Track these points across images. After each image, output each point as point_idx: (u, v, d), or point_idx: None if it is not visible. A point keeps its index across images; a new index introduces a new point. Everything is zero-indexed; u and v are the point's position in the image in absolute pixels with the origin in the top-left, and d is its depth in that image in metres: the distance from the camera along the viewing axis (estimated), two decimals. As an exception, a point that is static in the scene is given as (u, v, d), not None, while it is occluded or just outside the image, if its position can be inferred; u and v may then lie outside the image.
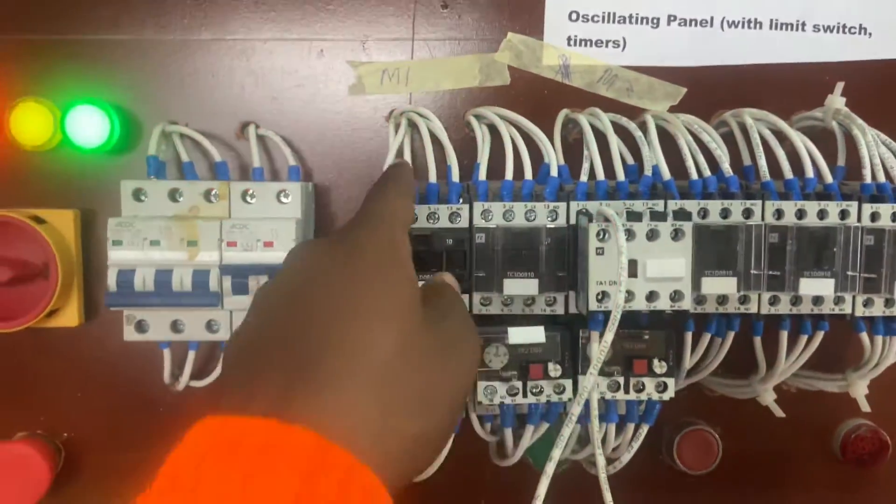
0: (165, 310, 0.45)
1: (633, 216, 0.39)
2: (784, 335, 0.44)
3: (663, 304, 0.39)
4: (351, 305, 0.29)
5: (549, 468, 0.36)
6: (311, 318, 0.29)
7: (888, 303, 0.44)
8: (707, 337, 0.45)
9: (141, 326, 0.46)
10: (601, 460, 0.39)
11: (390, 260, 0.32)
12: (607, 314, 0.38)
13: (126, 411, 0.51)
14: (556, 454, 0.36)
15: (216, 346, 0.49)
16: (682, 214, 0.39)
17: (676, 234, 0.38)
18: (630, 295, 0.38)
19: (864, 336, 0.45)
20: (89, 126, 0.47)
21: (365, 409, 0.27)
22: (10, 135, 0.47)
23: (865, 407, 0.48)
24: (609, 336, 0.36)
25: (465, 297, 0.43)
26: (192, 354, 0.48)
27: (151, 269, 0.43)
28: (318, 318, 0.29)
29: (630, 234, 0.38)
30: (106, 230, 0.44)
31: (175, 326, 0.46)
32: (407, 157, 0.46)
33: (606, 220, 0.39)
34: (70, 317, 0.49)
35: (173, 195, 0.45)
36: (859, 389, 0.48)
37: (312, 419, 0.25)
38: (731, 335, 0.45)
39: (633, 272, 0.38)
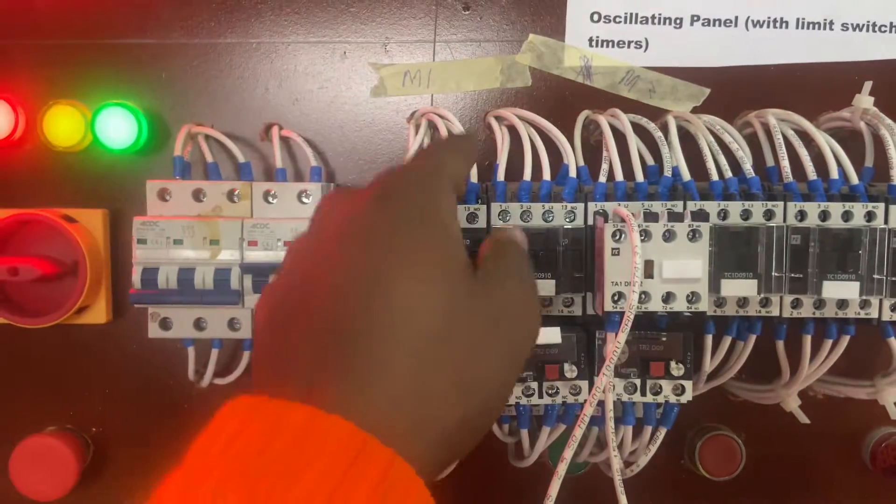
0: (188, 308, 0.46)
1: (650, 217, 0.38)
2: (808, 339, 0.44)
3: (680, 305, 0.38)
4: (385, 267, 0.26)
5: (561, 469, 0.36)
6: (344, 282, 0.26)
7: (917, 307, 0.42)
8: (728, 340, 0.44)
9: (165, 324, 0.47)
10: (616, 462, 0.39)
11: (428, 214, 0.28)
12: (623, 315, 0.37)
13: (152, 407, 0.52)
14: (568, 454, 0.36)
15: (239, 345, 0.50)
16: (699, 215, 0.38)
17: (693, 235, 0.38)
18: (646, 296, 0.38)
19: (893, 341, 0.44)
20: (118, 127, 0.48)
21: (404, 396, 0.24)
22: (43, 136, 0.48)
23: (894, 414, 0.47)
24: (623, 336, 0.36)
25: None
26: (215, 352, 0.49)
27: (175, 268, 0.44)
28: (351, 281, 0.26)
29: (646, 235, 0.38)
30: (132, 230, 0.45)
31: (198, 324, 0.47)
32: (426, 158, 0.46)
33: (622, 220, 0.38)
34: (98, 314, 0.50)
35: (197, 195, 0.46)
36: (889, 397, 0.47)
37: (350, 407, 0.23)
38: (752, 338, 0.44)
39: (649, 273, 0.38)
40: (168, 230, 0.44)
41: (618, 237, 0.38)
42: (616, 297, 0.39)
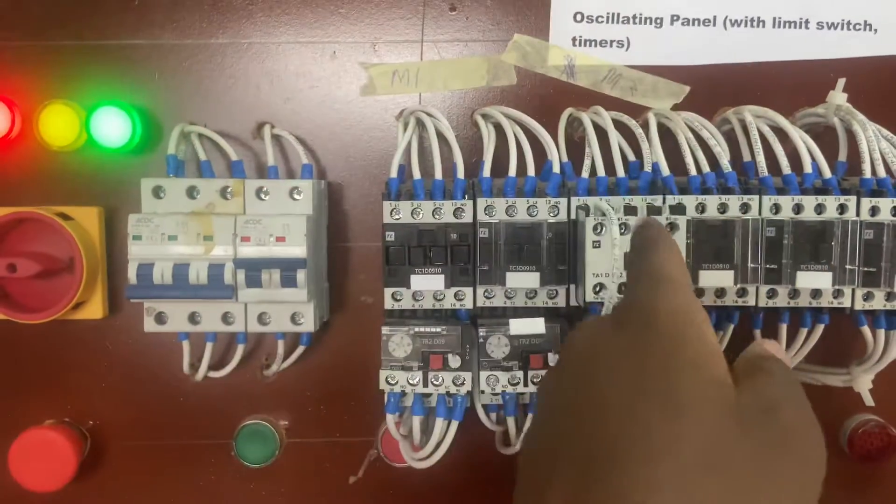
0: (183, 302, 0.47)
1: (630, 210, 0.40)
2: (783, 328, 0.45)
3: (659, 295, 0.39)
4: (642, 395, 0.24)
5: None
6: (599, 412, 0.24)
7: (889, 297, 0.44)
8: (707, 330, 0.46)
9: (160, 318, 0.48)
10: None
11: (689, 332, 0.26)
12: (604, 308, 0.39)
13: (148, 401, 0.53)
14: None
15: (232, 338, 0.51)
16: (677, 209, 0.40)
17: (671, 228, 0.39)
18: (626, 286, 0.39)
19: (866, 330, 0.46)
20: (112, 127, 0.49)
21: None
22: (39, 135, 0.49)
23: (869, 401, 0.48)
24: (602, 326, 0.37)
25: (468, 291, 0.45)
26: (209, 346, 0.50)
27: (169, 263, 0.45)
28: (608, 410, 0.24)
29: (625, 228, 0.39)
30: (128, 226, 0.46)
31: (193, 318, 0.48)
32: (415, 155, 0.47)
33: (603, 213, 0.40)
34: (95, 309, 0.51)
35: (191, 192, 0.47)
36: (863, 384, 0.49)
37: None
38: (729, 328, 0.46)
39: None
40: (163, 226, 0.45)
41: (598, 230, 0.40)
42: (598, 289, 0.40)
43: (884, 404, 0.49)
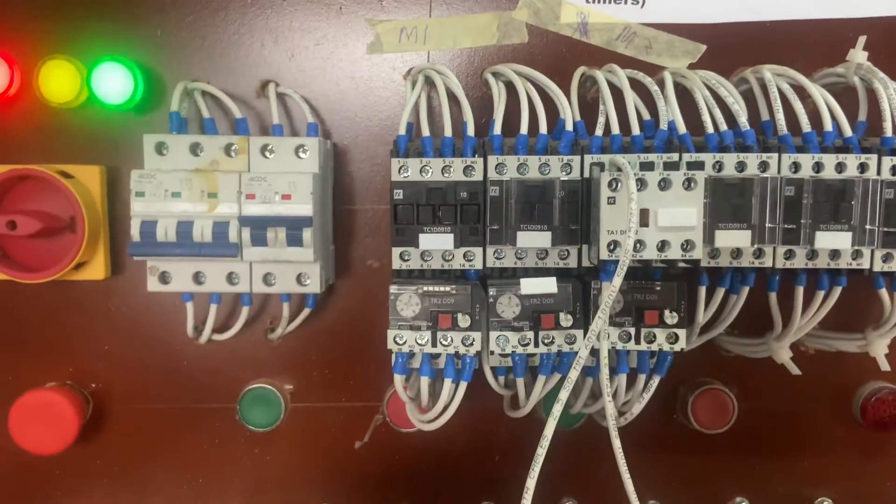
0: (187, 261, 0.46)
1: (646, 166, 0.39)
2: (800, 291, 0.44)
3: (675, 253, 0.39)
4: None
5: (557, 410, 0.37)
6: None
7: (908, 259, 0.43)
8: (721, 292, 0.45)
9: (164, 278, 0.47)
10: (610, 407, 0.39)
11: None
12: (618, 264, 0.38)
13: (151, 364, 0.53)
14: (564, 395, 0.37)
15: (237, 301, 0.51)
16: (694, 165, 0.39)
17: (689, 184, 0.38)
18: (641, 244, 0.39)
19: (884, 292, 0.45)
20: (114, 83, 0.48)
21: None
22: (39, 92, 0.48)
23: (885, 366, 0.48)
24: (618, 280, 0.36)
25: (478, 251, 0.44)
26: (213, 308, 0.49)
27: (173, 220, 0.44)
28: None
29: (642, 184, 0.38)
30: (130, 182, 0.45)
31: (196, 278, 0.47)
32: (423, 113, 0.46)
33: (618, 169, 0.39)
34: (97, 270, 0.50)
35: (194, 149, 0.46)
36: (879, 349, 0.48)
37: None
38: (745, 290, 0.45)
39: (644, 221, 0.38)
40: (166, 182, 0.44)
41: (614, 186, 0.39)
42: (612, 246, 0.39)
43: (898, 371, 0.49)
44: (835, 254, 0.43)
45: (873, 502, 0.54)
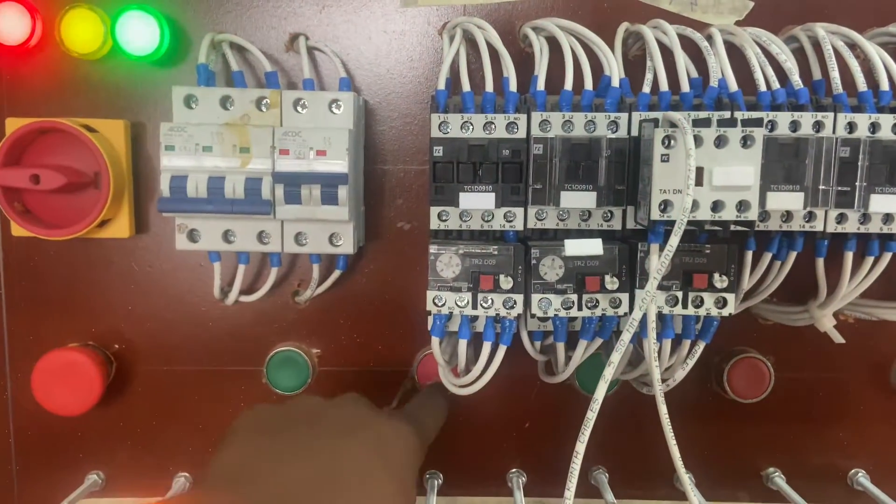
0: (217, 218, 0.45)
1: (701, 122, 0.37)
2: (849, 256, 0.43)
3: (729, 214, 0.37)
4: None
5: (608, 372, 0.36)
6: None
7: (962, 225, 0.42)
8: (768, 256, 0.44)
9: (192, 236, 0.46)
10: (657, 372, 0.38)
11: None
12: (669, 226, 0.36)
13: (176, 325, 0.52)
14: (616, 357, 0.36)
15: (265, 262, 0.49)
16: (752, 122, 0.37)
17: (746, 142, 0.37)
18: (694, 205, 0.37)
19: (935, 260, 0.44)
20: (139, 33, 0.46)
21: None
22: (61, 42, 0.46)
23: (930, 335, 0.47)
24: (675, 240, 0.35)
25: (519, 211, 0.42)
26: (241, 268, 0.48)
27: (204, 176, 0.43)
28: None
29: (698, 140, 0.37)
30: (156, 141, 0.44)
31: (226, 237, 0.46)
32: (463, 69, 0.44)
33: (673, 125, 0.37)
34: (121, 228, 0.49)
35: (224, 103, 0.44)
36: (924, 318, 0.47)
37: None
38: (792, 256, 0.43)
39: (698, 180, 0.37)
40: (196, 136, 0.43)
41: (668, 143, 0.37)
42: (663, 206, 0.38)
43: (940, 342, 0.47)
44: (888, 218, 0.42)
45: (909, 474, 0.53)
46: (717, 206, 0.37)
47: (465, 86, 0.43)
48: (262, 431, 0.37)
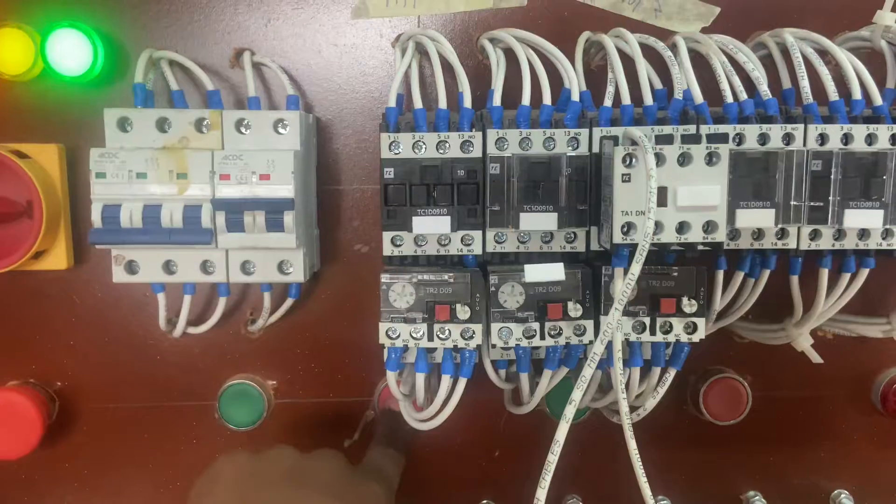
0: (156, 249, 0.42)
1: (664, 139, 0.35)
2: (825, 273, 0.41)
3: (695, 235, 0.35)
4: None
5: (570, 411, 0.33)
6: None
7: (941, 238, 0.40)
8: (740, 276, 0.42)
9: (131, 267, 0.43)
10: (624, 405, 0.36)
11: None
12: (633, 248, 0.34)
13: (122, 359, 0.49)
14: (577, 395, 0.33)
15: (214, 291, 0.47)
16: (717, 137, 0.35)
17: (711, 159, 0.35)
18: (659, 226, 0.35)
19: (914, 274, 0.42)
20: (72, 52, 0.44)
21: None
22: (-12, 63, 0.44)
23: (912, 352, 0.45)
24: (637, 267, 0.33)
25: (477, 234, 0.40)
26: (187, 299, 0.45)
27: (139, 204, 0.40)
28: None
29: (660, 159, 0.34)
30: (90, 163, 0.41)
31: (167, 267, 0.43)
32: (415, 83, 0.42)
33: (633, 143, 0.35)
34: (58, 259, 0.46)
35: (161, 125, 0.42)
36: (905, 333, 0.45)
37: None
38: (765, 274, 0.41)
39: (662, 201, 0.35)
40: (130, 162, 0.40)
41: (629, 162, 0.35)
42: (626, 229, 0.35)
43: (921, 357, 0.46)
44: (863, 233, 0.40)
45: (893, 493, 0.51)
46: (682, 228, 0.35)
47: (417, 102, 0.41)
48: (241, 485, 0.36)
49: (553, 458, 0.33)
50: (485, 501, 0.51)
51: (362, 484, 0.39)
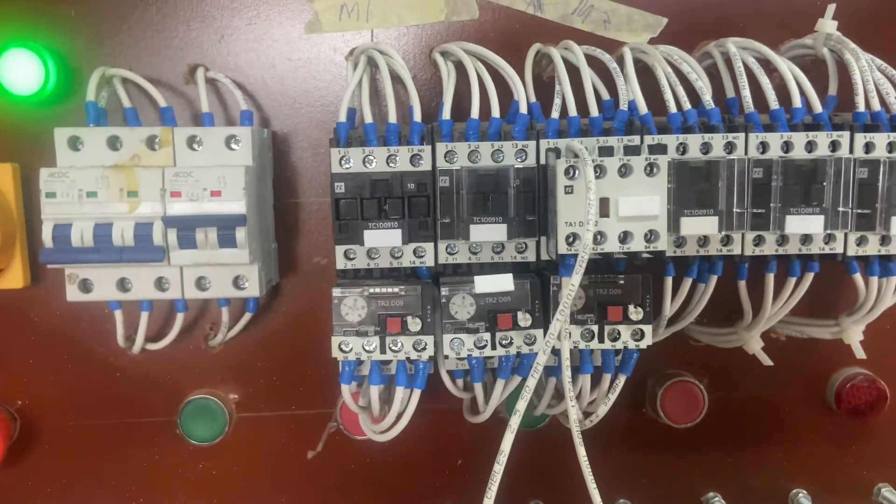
0: (110, 267, 0.42)
1: (605, 151, 0.36)
2: (770, 278, 0.42)
3: (638, 244, 0.36)
4: None
5: (514, 422, 0.34)
6: None
7: (884, 240, 0.41)
8: (688, 282, 0.42)
9: (85, 286, 0.43)
10: (573, 412, 0.36)
11: None
12: (577, 260, 0.35)
13: (82, 377, 0.49)
14: (522, 406, 0.34)
15: (171, 307, 0.47)
16: (656, 148, 0.36)
17: (651, 170, 0.35)
18: (602, 236, 0.36)
19: (858, 278, 0.42)
20: (24, 72, 0.44)
21: None
22: (-62, 83, 0.44)
23: (861, 354, 0.45)
24: (577, 278, 0.33)
25: (429, 247, 0.40)
26: (144, 316, 0.45)
27: (90, 223, 0.40)
28: None
29: (601, 171, 0.35)
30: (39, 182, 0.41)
31: (122, 285, 0.43)
32: (366, 97, 0.42)
33: (575, 155, 0.35)
34: (14, 278, 0.46)
35: (113, 143, 0.42)
36: (854, 335, 0.46)
37: None
38: (713, 279, 0.42)
39: (604, 212, 0.35)
40: (80, 181, 0.40)
41: (571, 174, 0.36)
42: (570, 239, 0.36)
43: (872, 357, 0.46)
44: (806, 238, 0.40)
45: (850, 492, 0.52)
46: (625, 237, 0.36)
47: (368, 117, 0.41)
48: None
49: (499, 469, 0.33)
50: (449, 510, 0.51)
51: None
